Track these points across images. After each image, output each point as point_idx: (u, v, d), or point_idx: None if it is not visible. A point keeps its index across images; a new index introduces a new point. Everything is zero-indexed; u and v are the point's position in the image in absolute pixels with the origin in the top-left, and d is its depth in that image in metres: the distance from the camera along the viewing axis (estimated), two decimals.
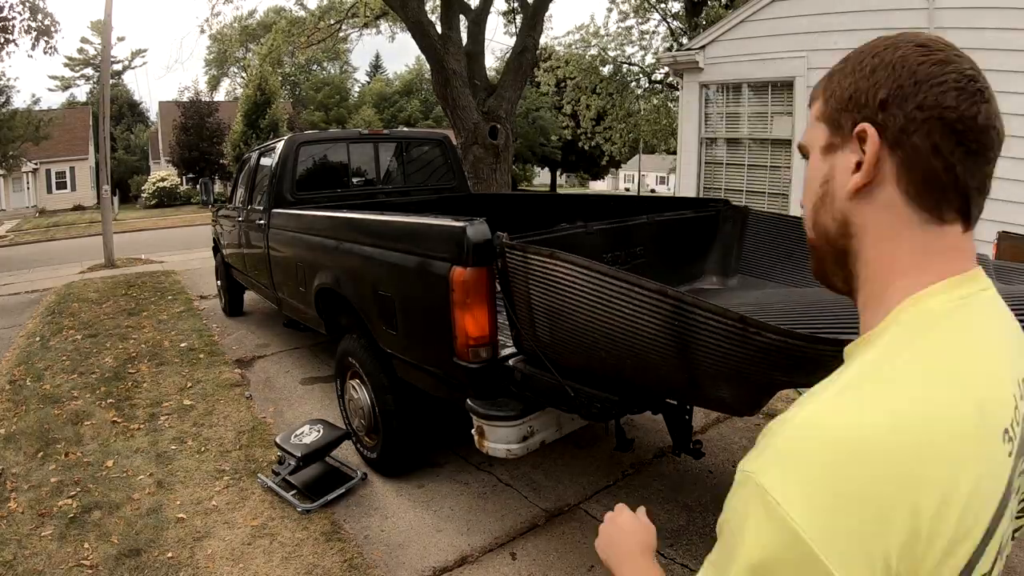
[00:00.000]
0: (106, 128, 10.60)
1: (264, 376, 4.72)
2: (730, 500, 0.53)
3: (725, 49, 6.28)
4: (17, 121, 18.10)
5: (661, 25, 15.16)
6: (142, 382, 4.52)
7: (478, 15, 8.13)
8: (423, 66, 35.99)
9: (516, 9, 12.93)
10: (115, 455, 3.39)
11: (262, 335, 5.78)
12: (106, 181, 10.79)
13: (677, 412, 2.84)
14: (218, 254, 6.59)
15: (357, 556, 2.51)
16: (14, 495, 3.00)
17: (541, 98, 22.93)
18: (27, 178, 28.69)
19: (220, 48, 19.32)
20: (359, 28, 12.98)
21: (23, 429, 3.75)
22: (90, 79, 42.34)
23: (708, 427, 3.63)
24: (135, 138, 37.05)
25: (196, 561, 2.48)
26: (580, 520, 2.74)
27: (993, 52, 4.46)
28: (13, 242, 17.52)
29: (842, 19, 5.32)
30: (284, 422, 3.82)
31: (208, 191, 7.56)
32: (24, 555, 2.53)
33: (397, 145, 5.20)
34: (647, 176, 43.59)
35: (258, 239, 4.60)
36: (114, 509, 2.86)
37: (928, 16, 4.74)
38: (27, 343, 5.72)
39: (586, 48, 15.13)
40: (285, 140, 4.53)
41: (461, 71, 7.30)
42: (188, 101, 27.93)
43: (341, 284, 3.20)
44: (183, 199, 28.12)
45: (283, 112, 25.47)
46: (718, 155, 6.61)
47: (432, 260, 2.36)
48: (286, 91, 36.07)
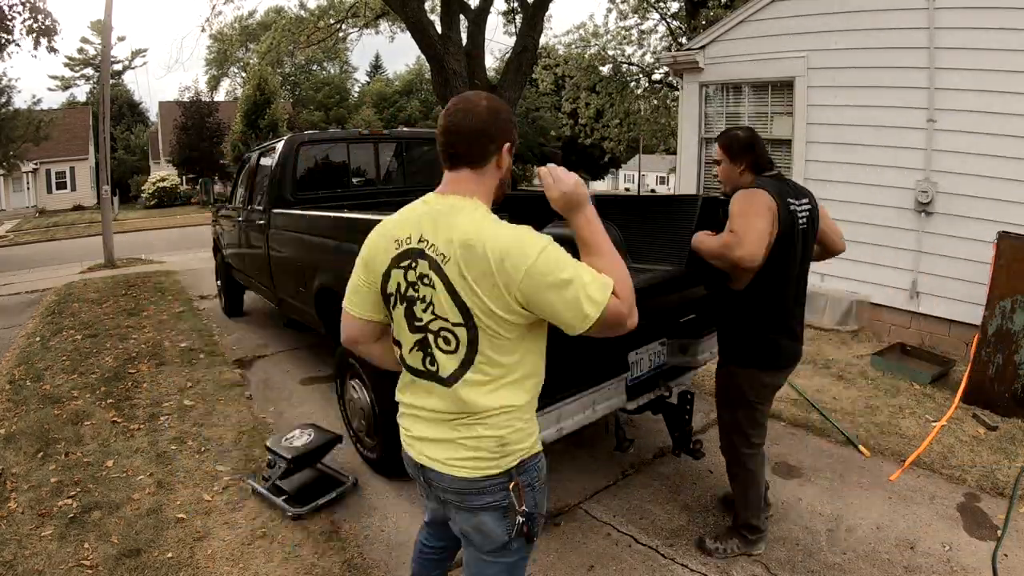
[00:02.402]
0: (106, 128, 10.60)
1: (264, 376, 4.72)
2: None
3: (725, 49, 6.27)
4: (17, 121, 18.11)
5: (660, 24, 15.15)
6: (142, 382, 4.52)
7: (478, 15, 8.13)
8: (423, 66, 35.98)
9: (516, 9, 12.94)
10: (115, 455, 3.39)
11: (262, 335, 5.78)
12: (106, 181, 10.79)
13: (677, 412, 2.84)
14: (218, 254, 6.59)
15: (357, 556, 2.51)
16: (14, 495, 3.00)
17: (541, 98, 22.93)
18: (27, 178, 28.70)
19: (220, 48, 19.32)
20: (359, 28, 12.98)
21: (23, 429, 3.75)
22: (90, 79, 42.38)
23: (708, 427, 3.63)
24: (135, 138, 37.03)
25: (196, 561, 2.48)
26: (580, 520, 2.74)
27: (993, 52, 4.46)
28: (13, 242, 17.52)
29: (842, 19, 5.31)
30: (284, 422, 3.82)
31: (208, 191, 7.56)
32: (24, 555, 2.53)
33: (397, 145, 5.20)
34: (647, 176, 43.59)
35: (258, 239, 4.60)
36: (114, 509, 2.86)
37: (928, 16, 4.73)
38: (27, 343, 5.72)
39: (585, 47, 15.11)
40: (285, 140, 4.53)
41: (461, 71, 7.30)
42: (188, 101, 27.89)
43: (341, 284, 3.20)
44: (183, 199, 28.11)
45: (283, 112, 25.44)
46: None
47: None
48: (286, 91, 36.06)
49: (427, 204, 1.34)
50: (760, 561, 2.42)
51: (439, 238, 1.26)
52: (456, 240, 1.23)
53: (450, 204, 1.30)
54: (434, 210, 1.31)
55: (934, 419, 3.63)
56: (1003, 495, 2.86)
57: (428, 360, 1.33)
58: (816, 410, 3.76)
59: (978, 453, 3.23)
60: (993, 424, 3.54)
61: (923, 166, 4.89)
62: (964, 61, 4.63)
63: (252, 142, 20.89)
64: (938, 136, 4.81)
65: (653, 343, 2.78)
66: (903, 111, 4.99)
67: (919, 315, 5.09)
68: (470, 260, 1.22)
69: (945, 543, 2.51)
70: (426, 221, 1.30)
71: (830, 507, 2.79)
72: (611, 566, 2.42)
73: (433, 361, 1.32)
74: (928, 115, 4.84)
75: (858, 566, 2.38)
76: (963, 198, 4.70)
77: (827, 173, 5.56)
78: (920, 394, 4.02)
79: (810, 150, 5.66)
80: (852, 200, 5.35)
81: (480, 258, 1.21)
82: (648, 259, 3.97)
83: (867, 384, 4.20)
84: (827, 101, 5.52)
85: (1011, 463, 3.12)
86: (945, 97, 4.76)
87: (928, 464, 3.14)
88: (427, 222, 1.30)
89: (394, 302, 1.36)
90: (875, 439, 3.40)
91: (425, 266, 1.27)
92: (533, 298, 1.21)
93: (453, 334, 1.27)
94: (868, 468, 3.13)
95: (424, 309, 1.30)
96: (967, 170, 4.66)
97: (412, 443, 1.41)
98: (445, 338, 1.28)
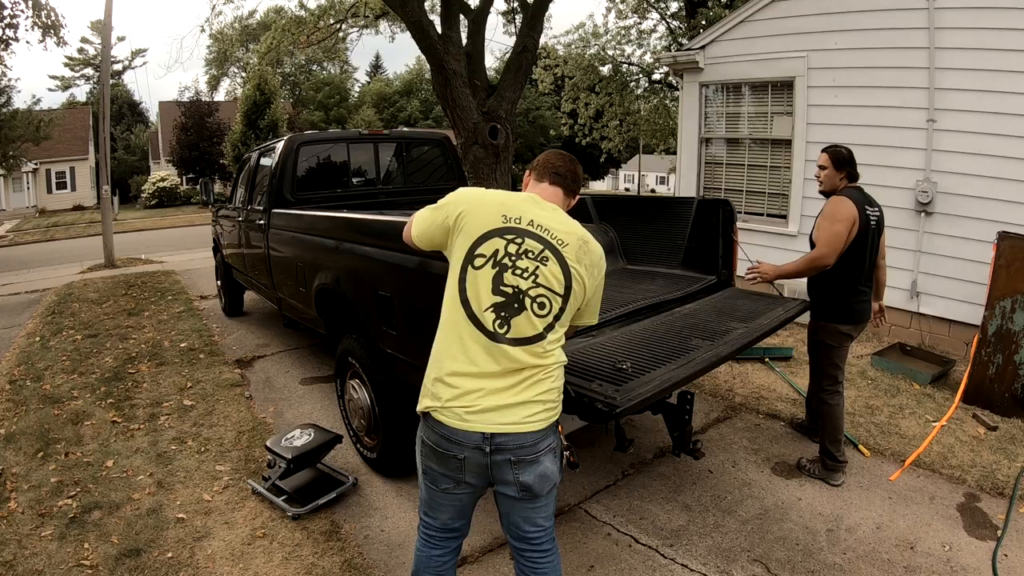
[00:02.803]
0: (106, 128, 10.60)
1: (264, 376, 4.72)
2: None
3: (725, 49, 6.27)
4: (17, 121, 18.08)
5: (660, 24, 15.15)
6: (142, 382, 4.52)
7: (478, 15, 8.12)
8: (423, 66, 35.99)
9: (516, 9, 12.93)
10: (115, 455, 3.39)
11: (262, 335, 5.78)
12: (106, 181, 10.79)
13: (677, 413, 2.84)
14: (218, 254, 6.59)
15: (357, 556, 2.51)
16: (14, 495, 3.00)
17: (541, 98, 22.92)
18: (27, 178, 28.68)
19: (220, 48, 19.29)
20: (359, 28, 12.97)
21: (23, 429, 3.75)
22: (90, 79, 42.36)
23: (708, 427, 3.63)
24: (135, 138, 37.00)
25: (196, 561, 2.48)
26: (580, 520, 2.74)
27: (993, 52, 4.46)
28: (13, 242, 17.52)
29: (842, 19, 5.31)
30: (284, 422, 3.83)
31: (208, 191, 7.55)
32: (24, 555, 2.53)
33: (397, 145, 5.20)
34: (647, 176, 43.58)
35: (258, 239, 4.60)
36: (114, 509, 2.86)
37: (928, 16, 4.73)
38: (27, 343, 5.72)
39: (585, 47, 15.10)
40: (285, 140, 4.53)
41: (461, 71, 7.28)
42: (188, 101, 27.88)
43: (341, 284, 3.20)
44: (183, 199, 28.10)
45: (283, 112, 25.41)
46: (718, 155, 6.61)
47: (432, 260, 2.36)
48: (286, 91, 36.05)
49: (533, 200, 1.70)
50: (760, 561, 2.42)
51: (555, 227, 1.63)
52: (576, 234, 1.65)
53: (554, 207, 1.71)
54: (542, 205, 1.69)
55: (934, 419, 3.63)
56: (1003, 495, 2.86)
57: (499, 322, 1.57)
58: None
59: (978, 453, 3.23)
60: (993, 424, 3.54)
61: (923, 166, 4.89)
62: (964, 61, 4.63)
63: (252, 142, 20.91)
64: (938, 136, 4.81)
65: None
66: (903, 111, 4.99)
67: (919, 315, 5.09)
68: (584, 252, 1.64)
69: (945, 543, 2.51)
70: (536, 210, 1.66)
71: (830, 507, 2.79)
72: (611, 566, 2.42)
73: (505, 323, 1.57)
74: (928, 115, 4.84)
75: (858, 566, 2.38)
76: (963, 198, 4.70)
77: None
78: (920, 394, 4.02)
79: (810, 150, 5.66)
80: None
81: (592, 253, 1.66)
82: (644, 260, 4.05)
83: (867, 384, 4.20)
84: (827, 101, 5.52)
85: (1011, 463, 3.12)
86: (945, 97, 4.76)
87: (928, 464, 3.15)
88: (537, 212, 1.66)
89: (481, 264, 1.60)
90: (875, 439, 3.40)
91: (534, 244, 1.60)
92: (593, 295, 1.71)
93: (550, 301, 1.59)
94: (868, 468, 3.14)
95: (523, 276, 1.58)
96: (967, 170, 4.66)
97: (475, 417, 1.56)
98: (541, 303, 1.59)
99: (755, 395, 4.05)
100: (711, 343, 2.53)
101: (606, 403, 1.93)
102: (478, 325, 1.57)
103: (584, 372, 2.18)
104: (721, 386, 4.20)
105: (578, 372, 2.16)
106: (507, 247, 1.59)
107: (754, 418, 3.78)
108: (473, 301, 1.58)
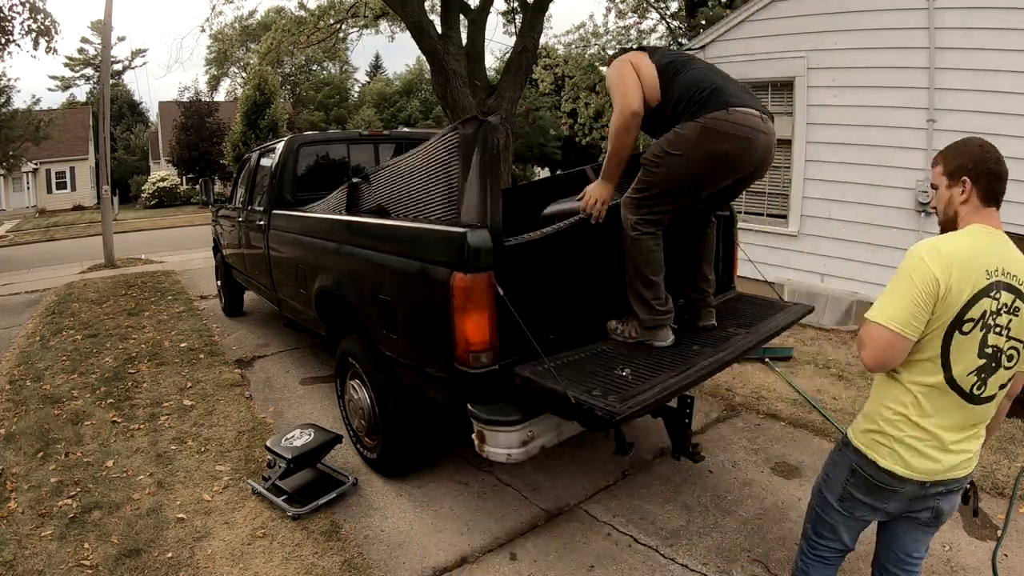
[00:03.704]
0: (106, 128, 10.60)
1: (264, 376, 4.72)
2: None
3: (725, 49, 6.27)
4: (17, 121, 18.10)
5: (660, 24, 15.15)
6: (142, 382, 4.52)
7: (478, 15, 8.12)
8: (423, 66, 35.96)
9: (516, 9, 12.92)
10: (115, 455, 3.40)
11: (262, 335, 5.78)
12: (106, 181, 10.79)
13: (677, 416, 2.84)
14: (218, 254, 6.59)
15: (357, 556, 2.51)
16: (14, 495, 3.00)
17: (541, 98, 22.91)
18: (27, 178, 28.70)
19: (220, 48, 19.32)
20: (359, 28, 12.97)
21: (23, 429, 3.75)
22: (90, 79, 42.32)
23: (708, 427, 3.63)
24: (135, 138, 37.01)
25: (196, 561, 2.48)
26: (580, 520, 2.74)
27: (992, 52, 4.46)
28: (13, 242, 17.52)
29: (842, 19, 5.31)
30: (284, 422, 3.83)
31: (208, 191, 7.56)
32: (24, 555, 2.53)
33: (397, 146, 5.19)
34: None
35: (258, 240, 4.60)
36: (114, 509, 2.86)
37: (928, 16, 4.73)
38: (27, 343, 5.73)
39: (585, 47, 15.10)
40: (285, 141, 4.52)
41: (461, 71, 7.28)
42: (188, 101, 27.88)
43: (341, 287, 3.20)
44: (183, 199, 28.10)
45: (283, 112, 25.39)
46: None
47: (433, 265, 2.35)
48: (286, 91, 36.02)
49: (992, 237, 1.50)
50: (760, 561, 2.42)
51: (1018, 271, 1.48)
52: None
53: (1004, 239, 1.52)
54: (1003, 244, 1.51)
55: None
56: (1003, 495, 2.86)
57: (977, 385, 1.50)
58: (816, 410, 3.76)
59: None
60: None
61: (923, 166, 4.89)
62: (964, 61, 4.63)
63: (252, 142, 20.89)
64: (938, 136, 4.81)
65: None
66: (903, 111, 4.99)
67: None
68: None
69: (945, 543, 2.51)
70: (1004, 254, 1.49)
71: None
72: (611, 566, 2.42)
73: (981, 386, 1.50)
74: (928, 115, 4.84)
75: (858, 566, 2.37)
76: None
77: (827, 173, 5.56)
78: None
79: (810, 150, 5.66)
80: (852, 200, 5.35)
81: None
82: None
83: (867, 384, 4.20)
84: (827, 101, 5.52)
85: (1011, 463, 3.12)
86: (945, 97, 4.76)
87: None
88: (1006, 255, 1.49)
89: (970, 328, 1.47)
90: None
91: (1008, 296, 1.47)
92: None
93: (1018, 352, 1.50)
94: None
95: (999, 334, 1.48)
96: None
97: (959, 465, 1.57)
98: (1009, 355, 1.50)
99: (755, 395, 4.05)
100: (711, 348, 2.52)
101: (605, 411, 1.90)
102: (956, 389, 1.54)
103: (584, 379, 2.17)
104: (721, 386, 4.20)
105: (578, 379, 2.16)
106: (991, 305, 1.49)
107: (754, 418, 3.77)
108: (957, 367, 1.52)
